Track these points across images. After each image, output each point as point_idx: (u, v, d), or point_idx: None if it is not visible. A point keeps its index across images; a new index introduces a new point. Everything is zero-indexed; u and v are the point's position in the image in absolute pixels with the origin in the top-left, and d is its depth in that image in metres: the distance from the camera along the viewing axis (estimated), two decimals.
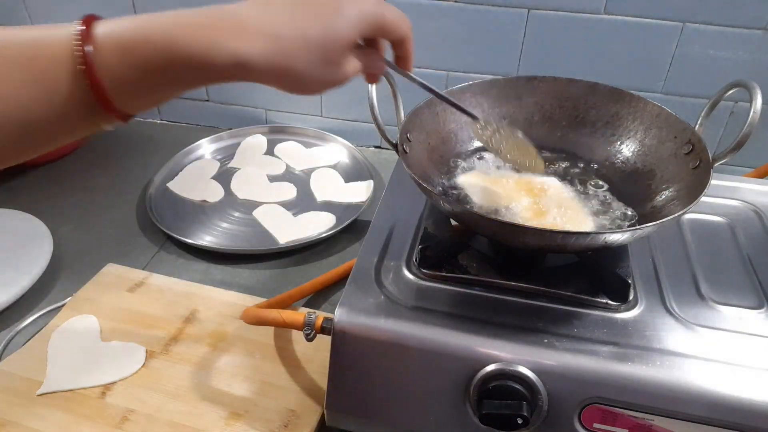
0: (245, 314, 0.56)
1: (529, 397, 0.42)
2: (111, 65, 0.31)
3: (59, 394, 0.55)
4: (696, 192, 0.46)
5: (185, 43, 0.32)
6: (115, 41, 0.32)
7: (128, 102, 0.33)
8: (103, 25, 0.32)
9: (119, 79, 0.32)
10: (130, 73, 0.32)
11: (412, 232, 0.56)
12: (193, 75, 0.34)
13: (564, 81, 0.60)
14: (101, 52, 0.31)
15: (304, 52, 0.34)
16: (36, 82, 0.31)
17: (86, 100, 0.32)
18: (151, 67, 0.32)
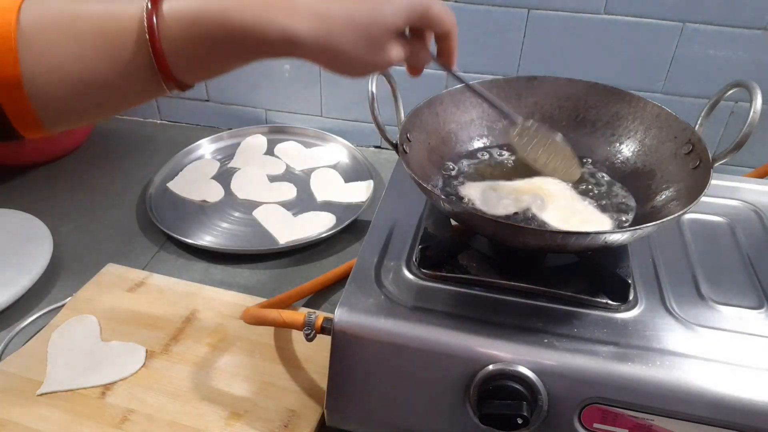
0: (245, 314, 0.56)
1: (529, 397, 0.42)
2: (173, 37, 0.34)
3: (59, 394, 0.55)
4: (696, 192, 0.46)
5: (239, 19, 0.35)
6: (178, 15, 0.34)
7: (185, 72, 0.36)
8: (169, 1, 0.35)
9: (179, 50, 0.35)
10: (189, 45, 0.35)
11: (412, 232, 0.56)
12: (246, 49, 0.36)
13: (564, 81, 0.60)
14: (166, 25, 0.34)
15: (350, 32, 0.36)
16: (106, 48, 0.34)
17: (149, 67, 0.35)
18: (208, 40, 0.35)
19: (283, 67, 0.93)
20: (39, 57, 0.33)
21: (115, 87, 0.36)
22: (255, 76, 0.95)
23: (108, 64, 0.34)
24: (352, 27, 0.36)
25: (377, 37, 0.37)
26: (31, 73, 0.33)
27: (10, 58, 0.32)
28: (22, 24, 0.33)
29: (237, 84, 0.97)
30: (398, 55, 0.40)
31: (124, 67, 0.35)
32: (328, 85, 0.93)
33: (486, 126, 0.62)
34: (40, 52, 0.33)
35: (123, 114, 1.06)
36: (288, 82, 0.94)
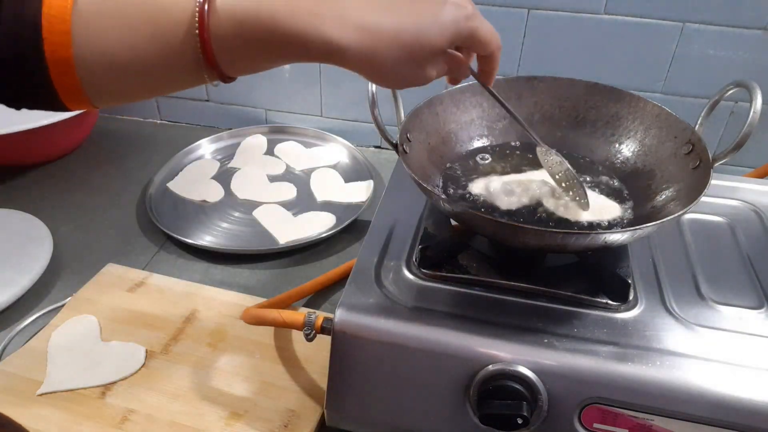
0: (245, 314, 0.56)
1: (529, 397, 0.42)
2: (222, 34, 0.35)
3: (59, 394, 0.55)
4: (696, 192, 0.46)
5: (286, 23, 0.35)
6: (229, 13, 0.35)
7: (230, 66, 0.37)
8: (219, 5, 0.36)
9: (226, 46, 0.36)
10: (236, 43, 0.35)
11: (412, 232, 0.56)
12: (290, 52, 0.37)
13: (564, 81, 0.60)
14: (216, 21, 0.35)
15: (394, 50, 0.37)
16: (156, 37, 0.35)
17: (196, 59, 0.36)
18: (255, 40, 0.35)
19: (284, 67, 0.93)
20: (92, 40, 0.34)
21: (161, 74, 0.37)
22: (255, 76, 0.95)
23: (156, 52, 0.35)
24: (396, 45, 0.36)
25: (420, 57, 0.38)
26: (83, 55, 0.34)
27: (65, 39, 0.33)
28: (78, 6, 0.33)
29: (237, 84, 0.96)
30: (439, 72, 0.41)
31: (172, 57, 0.36)
32: (328, 85, 0.93)
33: (486, 126, 0.62)
34: (93, 35, 0.34)
35: (123, 114, 1.06)
36: (288, 82, 0.94)
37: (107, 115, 1.05)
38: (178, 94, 1.01)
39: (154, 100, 1.03)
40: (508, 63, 0.84)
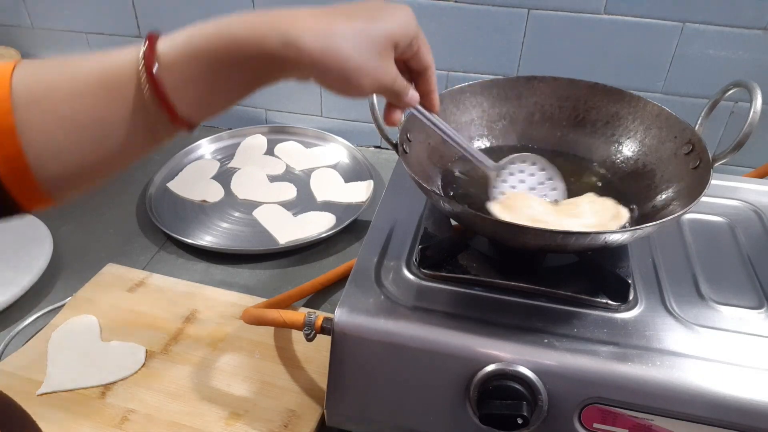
0: (245, 314, 0.56)
1: (529, 397, 0.42)
2: (170, 66, 0.33)
3: (59, 394, 0.55)
4: (696, 192, 0.46)
5: (239, 30, 0.34)
6: (172, 44, 0.34)
7: (190, 105, 0.35)
8: (165, 39, 0.34)
9: (179, 79, 0.34)
10: (187, 70, 0.34)
11: (412, 232, 0.56)
12: (246, 63, 0.35)
13: (564, 81, 0.60)
14: (163, 57, 0.33)
15: (351, 35, 0.36)
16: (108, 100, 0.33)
17: (153, 111, 0.34)
18: (205, 59, 0.34)
19: None
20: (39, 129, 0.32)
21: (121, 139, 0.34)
22: None
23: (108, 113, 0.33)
24: (352, 29, 0.36)
25: (379, 41, 0.37)
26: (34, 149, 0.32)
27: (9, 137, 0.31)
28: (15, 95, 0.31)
29: None
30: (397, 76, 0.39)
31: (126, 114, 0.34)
32: None
33: (486, 126, 0.62)
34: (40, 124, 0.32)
35: None
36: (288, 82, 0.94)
37: None
38: None
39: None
40: (508, 63, 0.84)
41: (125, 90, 0.33)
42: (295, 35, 0.34)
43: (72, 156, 0.33)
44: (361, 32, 0.36)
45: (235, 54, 0.34)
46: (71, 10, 0.96)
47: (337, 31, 0.35)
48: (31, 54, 1.02)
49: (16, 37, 1.01)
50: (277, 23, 0.34)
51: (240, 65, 0.35)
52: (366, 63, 0.36)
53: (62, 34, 0.99)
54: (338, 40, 0.35)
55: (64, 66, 0.33)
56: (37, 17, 0.98)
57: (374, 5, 0.38)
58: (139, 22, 0.94)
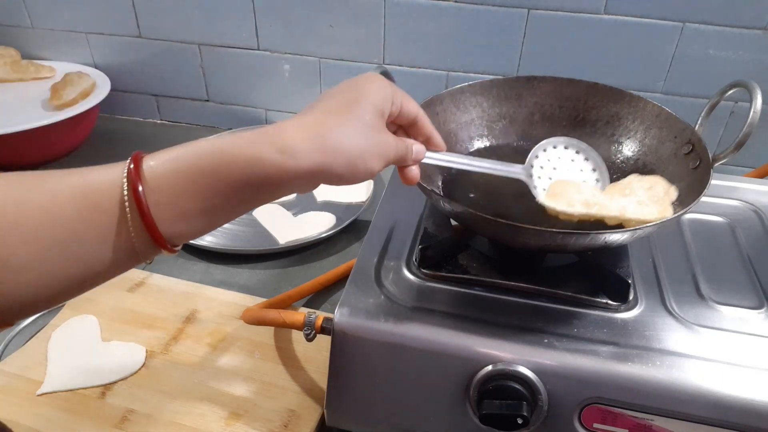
0: (245, 314, 0.56)
1: (529, 397, 0.42)
2: (156, 175, 0.32)
3: (59, 394, 0.55)
4: (696, 192, 0.46)
5: (230, 145, 0.33)
6: (161, 156, 0.33)
7: (175, 224, 0.33)
8: (152, 154, 0.33)
9: (165, 189, 0.32)
10: (175, 181, 0.33)
11: (412, 232, 0.56)
12: (242, 180, 0.34)
13: (564, 81, 0.60)
14: (147, 167, 0.32)
15: (344, 129, 0.35)
16: (85, 217, 0.32)
17: (134, 230, 0.32)
18: (199, 174, 0.33)
19: (283, 67, 0.93)
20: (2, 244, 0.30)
21: (100, 262, 0.33)
22: (255, 76, 0.95)
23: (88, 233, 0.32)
24: (342, 120, 0.35)
25: (369, 120, 0.37)
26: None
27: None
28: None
29: (237, 84, 0.97)
30: (396, 139, 0.39)
31: (105, 233, 0.32)
32: (328, 85, 0.93)
33: (486, 126, 0.62)
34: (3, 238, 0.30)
35: (123, 114, 1.06)
36: (288, 82, 0.94)
37: (107, 115, 1.05)
38: (177, 94, 1.01)
39: (154, 99, 1.03)
40: (508, 63, 0.84)
41: (106, 207, 0.32)
42: (290, 144, 0.34)
43: (35, 275, 0.31)
44: (350, 120, 0.36)
45: (226, 169, 0.33)
46: (71, 10, 0.96)
47: (328, 128, 0.35)
48: (31, 54, 1.02)
49: (16, 37, 1.01)
50: (268, 136, 0.34)
51: (231, 181, 0.33)
52: (367, 146, 0.36)
53: (62, 34, 0.99)
54: (332, 136, 0.35)
55: (38, 179, 0.32)
56: (37, 17, 0.98)
57: (345, 89, 0.38)
58: (139, 22, 0.94)
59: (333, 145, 0.35)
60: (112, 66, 1.00)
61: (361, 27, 0.86)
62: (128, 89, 1.03)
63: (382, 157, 0.38)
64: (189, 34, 0.93)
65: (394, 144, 0.39)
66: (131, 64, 0.99)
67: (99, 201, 0.32)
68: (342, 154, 0.35)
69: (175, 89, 1.01)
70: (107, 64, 1.00)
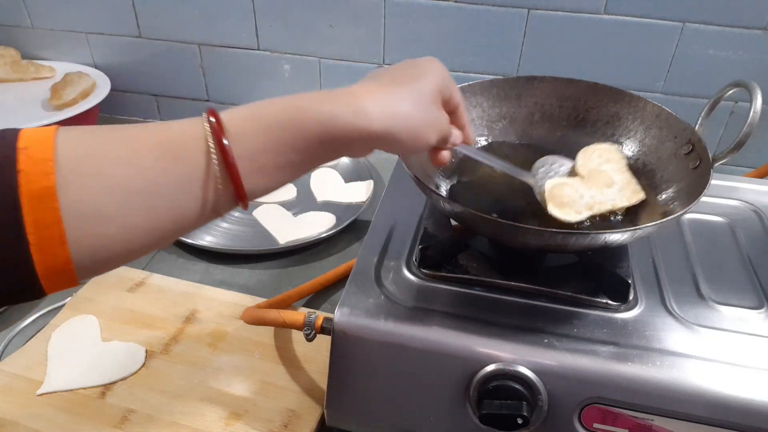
0: (245, 314, 0.56)
1: (529, 397, 0.42)
2: (237, 129, 0.33)
3: (59, 394, 0.55)
4: (696, 192, 0.46)
5: (308, 104, 0.35)
6: (240, 113, 0.34)
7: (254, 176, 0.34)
8: (226, 111, 0.34)
9: (246, 143, 0.33)
10: (256, 134, 0.33)
11: (412, 232, 0.56)
12: (318, 138, 0.35)
13: (564, 81, 0.60)
14: (228, 122, 0.33)
15: (410, 100, 0.38)
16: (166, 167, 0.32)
17: (216, 182, 0.33)
18: (279, 129, 0.34)
19: (283, 67, 0.93)
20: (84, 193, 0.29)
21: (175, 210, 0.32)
22: (255, 76, 0.95)
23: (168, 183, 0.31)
24: (409, 92, 0.38)
25: (431, 96, 0.39)
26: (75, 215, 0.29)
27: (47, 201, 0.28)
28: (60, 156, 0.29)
29: (237, 84, 0.97)
30: (448, 124, 0.42)
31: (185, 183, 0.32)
32: (328, 85, 0.93)
33: (486, 126, 0.62)
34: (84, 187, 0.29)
35: (123, 114, 1.06)
36: (288, 82, 0.94)
37: (107, 115, 1.05)
38: (177, 94, 1.01)
39: (154, 99, 1.03)
40: (508, 63, 0.84)
41: (188, 159, 0.32)
42: (363, 106, 0.35)
43: (118, 226, 0.31)
44: (416, 92, 0.38)
45: (305, 124, 0.34)
46: (71, 10, 0.96)
47: (397, 97, 0.37)
48: (31, 54, 1.02)
49: (16, 37, 1.01)
50: (344, 97, 0.36)
51: (309, 137, 0.35)
52: (428, 118, 0.39)
53: (62, 34, 0.99)
54: (401, 104, 0.37)
55: (114, 131, 0.32)
56: (37, 17, 0.98)
57: (411, 66, 0.41)
58: (139, 22, 0.94)
59: (401, 112, 0.37)
60: (112, 66, 1.00)
61: (361, 27, 0.86)
62: (128, 89, 1.03)
63: (439, 132, 0.40)
64: (189, 34, 0.93)
65: (447, 123, 0.41)
66: (131, 64, 0.99)
67: (181, 152, 0.32)
68: (408, 122, 0.37)
69: (175, 89, 1.01)
70: (107, 64, 1.00)
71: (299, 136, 0.34)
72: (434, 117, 0.39)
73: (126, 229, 0.31)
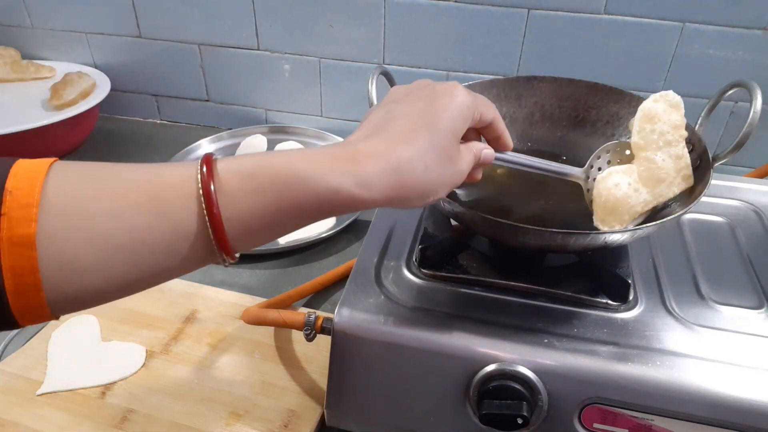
0: (245, 314, 0.56)
1: (529, 397, 0.42)
2: (231, 193, 0.32)
3: (59, 394, 0.55)
4: (696, 192, 0.46)
5: (308, 171, 0.32)
6: (235, 170, 0.32)
7: (242, 235, 0.33)
8: (222, 161, 0.33)
9: (237, 208, 0.32)
10: (249, 198, 0.32)
11: (412, 232, 0.56)
12: (315, 206, 0.33)
13: (564, 81, 0.60)
14: (223, 181, 0.32)
15: (419, 159, 0.34)
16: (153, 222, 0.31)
17: (204, 233, 0.32)
18: (271, 193, 0.32)
19: (283, 67, 0.93)
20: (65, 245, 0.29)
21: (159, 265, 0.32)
22: (255, 76, 0.95)
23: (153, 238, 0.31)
24: (418, 150, 0.34)
25: (446, 147, 0.36)
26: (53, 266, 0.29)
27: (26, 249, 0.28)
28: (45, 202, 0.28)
29: (237, 84, 0.97)
30: (468, 161, 0.39)
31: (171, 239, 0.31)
32: (328, 85, 0.93)
33: None
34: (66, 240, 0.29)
35: (123, 114, 1.06)
36: (288, 82, 0.94)
37: (107, 115, 1.05)
38: (177, 94, 1.01)
39: (154, 99, 1.03)
40: (508, 63, 0.84)
41: (176, 218, 0.31)
42: (367, 177, 0.33)
43: (96, 277, 0.30)
44: (427, 149, 0.35)
45: (302, 196, 0.32)
46: (71, 10, 0.96)
47: (403, 160, 0.34)
48: (31, 54, 1.02)
49: (16, 37, 1.01)
50: (347, 165, 0.33)
51: (306, 207, 0.33)
52: (441, 179, 0.36)
53: (62, 34, 0.99)
54: (409, 172, 0.34)
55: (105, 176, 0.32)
56: (37, 17, 0.98)
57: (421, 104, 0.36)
58: (139, 22, 0.94)
59: (408, 181, 0.34)
60: (112, 66, 1.00)
61: (361, 27, 0.86)
62: (128, 89, 1.03)
63: (453, 184, 0.38)
64: (189, 34, 0.93)
65: (465, 169, 0.38)
66: (131, 64, 0.99)
67: (169, 210, 0.31)
68: (416, 188, 0.35)
69: (175, 89, 1.01)
70: (107, 64, 1.00)
71: (295, 204, 0.33)
72: (449, 175, 0.36)
73: (106, 281, 0.31)
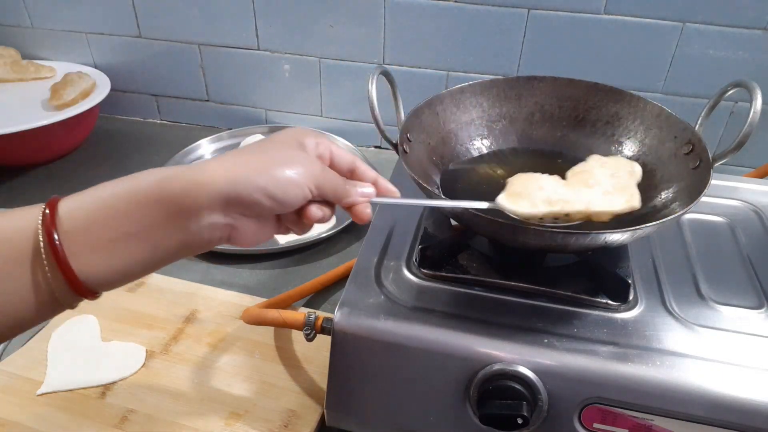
0: (245, 314, 0.56)
1: (529, 397, 0.42)
2: (73, 226, 0.31)
3: (59, 394, 0.55)
4: (696, 192, 0.46)
5: (144, 177, 0.33)
6: (77, 205, 0.32)
7: (86, 249, 0.32)
8: (66, 201, 0.33)
9: (74, 223, 0.32)
10: (85, 209, 0.32)
11: (412, 232, 0.56)
12: (152, 197, 0.33)
13: (564, 81, 0.60)
14: (65, 217, 0.31)
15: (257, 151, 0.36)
16: (4, 273, 0.31)
17: (52, 276, 0.31)
18: (109, 198, 0.32)
19: (283, 67, 0.93)
20: None
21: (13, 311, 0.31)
22: (255, 76, 0.95)
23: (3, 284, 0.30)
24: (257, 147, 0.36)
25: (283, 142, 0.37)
26: None
27: None
28: None
29: (237, 84, 0.97)
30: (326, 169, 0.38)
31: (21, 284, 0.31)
32: (328, 85, 0.93)
33: (486, 126, 0.62)
34: None
35: (123, 114, 1.06)
36: (288, 82, 0.94)
37: (107, 115, 1.05)
38: (177, 94, 1.01)
39: (154, 99, 1.03)
40: (508, 63, 0.84)
41: (22, 257, 0.31)
42: (201, 163, 0.34)
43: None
44: (263, 154, 0.36)
45: (138, 187, 0.33)
46: (71, 10, 0.96)
47: (243, 160, 0.35)
48: (31, 54, 1.02)
49: (16, 37, 1.01)
50: (183, 169, 0.34)
51: (142, 202, 0.32)
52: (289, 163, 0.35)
53: (62, 34, 0.99)
54: (249, 157, 0.35)
55: None
56: (37, 17, 0.98)
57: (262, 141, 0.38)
58: (139, 22, 0.94)
59: (250, 162, 0.34)
60: (112, 66, 1.00)
61: (361, 27, 0.86)
62: (128, 89, 1.03)
63: (313, 178, 0.36)
64: (189, 34, 0.93)
65: (320, 167, 0.37)
66: (131, 64, 0.99)
67: (14, 249, 0.31)
68: (261, 173, 0.34)
69: (175, 89, 1.01)
70: (107, 64, 1.00)
71: (133, 200, 0.32)
72: (298, 161, 0.36)
73: None
